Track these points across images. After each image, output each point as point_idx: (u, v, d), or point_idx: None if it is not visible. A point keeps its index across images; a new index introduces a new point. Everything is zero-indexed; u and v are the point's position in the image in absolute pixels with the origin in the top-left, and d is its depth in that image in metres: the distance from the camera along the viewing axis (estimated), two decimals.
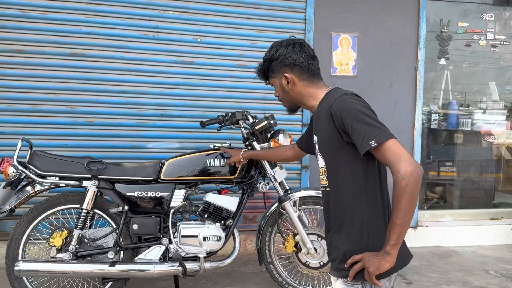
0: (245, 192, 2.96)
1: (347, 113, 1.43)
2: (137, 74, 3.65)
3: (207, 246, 2.78)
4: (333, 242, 1.61)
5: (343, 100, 1.47)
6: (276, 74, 1.70)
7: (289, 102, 1.74)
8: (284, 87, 1.69)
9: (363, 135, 1.39)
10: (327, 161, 1.57)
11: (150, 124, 3.71)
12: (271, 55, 1.69)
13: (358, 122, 1.41)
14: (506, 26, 4.53)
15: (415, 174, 1.32)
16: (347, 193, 1.52)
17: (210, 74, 3.79)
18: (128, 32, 3.61)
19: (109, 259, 2.70)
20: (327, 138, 1.54)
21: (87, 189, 2.76)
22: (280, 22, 3.90)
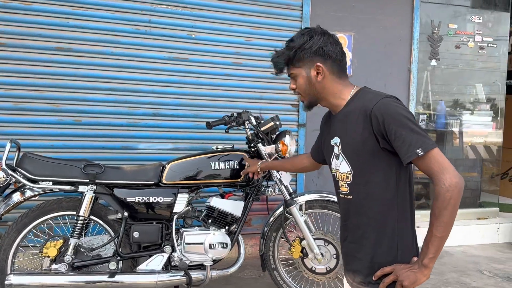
0: (249, 196, 2.84)
1: (391, 118, 1.34)
2: (128, 71, 3.45)
3: (213, 253, 2.64)
4: (353, 253, 1.53)
5: (386, 104, 1.37)
6: (305, 63, 1.52)
7: (311, 96, 1.56)
8: (312, 79, 1.52)
9: (408, 142, 1.32)
10: (355, 166, 1.47)
11: (141, 124, 3.52)
12: (303, 41, 1.51)
13: (403, 128, 1.32)
14: (493, 29, 4.60)
15: (459, 186, 1.29)
16: (377, 201, 1.43)
17: (204, 72, 3.63)
18: (119, 26, 3.40)
19: (109, 270, 2.51)
20: (360, 142, 1.43)
21: (84, 195, 2.56)
22: (276, 20, 3.79)
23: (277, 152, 2.76)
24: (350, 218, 1.53)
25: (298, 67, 1.54)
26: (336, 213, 2.88)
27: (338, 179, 1.56)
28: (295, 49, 1.52)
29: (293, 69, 1.56)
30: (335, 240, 2.87)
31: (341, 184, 1.54)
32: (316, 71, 1.51)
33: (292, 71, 1.57)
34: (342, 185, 1.53)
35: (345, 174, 1.51)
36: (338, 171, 1.55)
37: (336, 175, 1.58)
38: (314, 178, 3.94)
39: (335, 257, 2.86)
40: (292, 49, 1.53)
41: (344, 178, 1.51)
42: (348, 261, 1.58)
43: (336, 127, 1.55)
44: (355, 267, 1.53)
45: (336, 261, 2.86)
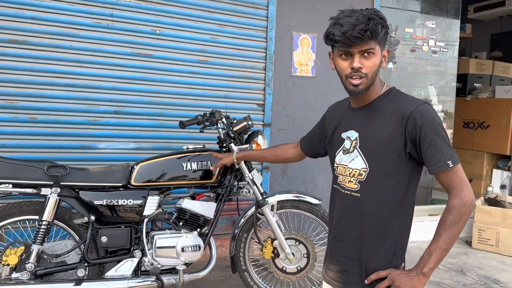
0: (221, 197, 2.79)
1: (430, 125, 1.33)
2: (88, 66, 3.27)
3: (186, 257, 2.58)
4: (341, 252, 1.51)
5: (428, 110, 1.36)
6: (383, 44, 1.41)
7: (373, 79, 1.41)
8: (380, 63, 1.41)
9: (441, 152, 1.33)
10: (373, 164, 1.43)
11: (102, 122, 3.35)
12: (386, 22, 1.39)
13: (439, 138, 1.33)
14: (445, 34, 4.84)
15: (473, 204, 1.33)
16: (385, 204, 1.42)
17: (169, 69, 3.52)
18: (79, 19, 3.21)
19: (76, 277, 2.38)
20: (385, 141, 1.39)
21: (47, 198, 2.41)
22: (242, 18, 3.75)
23: None
24: (349, 216, 1.49)
25: (379, 45, 1.39)
26: (306, 212, 2.91)
27: (346, 175, 1.49)
28: (385, 27, 1.39)
29: (376, 46, 1.37)
30: (306, 240, 2.90)
31: (350, 179, 1.48)
32: (385, 56, 1.44)
33: (375, 47, 1.37)
34: (351, 181, 1.48)
35: (358, 170, 1.45)
36: (343, 166, 1.50)
37: (338, 169, 1.53)
38: (278, 178, 3.96)
39: (305, 256, 2.89)
40: (384, 24, 1.38)
41: (356, 174, 1.46)
42: (335, 260, 1.54)
43: (356, 120, 1.49)
44: (342, 267, 1.51)
45: (306, 260, 2.89)
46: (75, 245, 2.49)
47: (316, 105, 4.09)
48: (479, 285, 3.50)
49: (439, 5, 4.76)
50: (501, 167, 5.62)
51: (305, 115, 4.04)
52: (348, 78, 1.40)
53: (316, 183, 4.15)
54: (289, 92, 3.98)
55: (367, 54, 1.37)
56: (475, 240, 4.48)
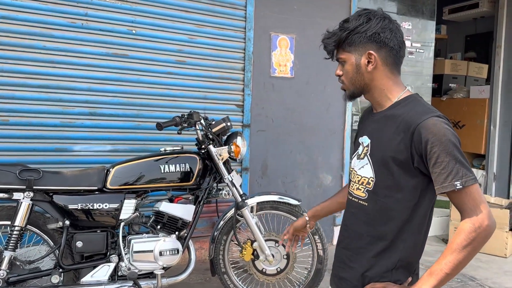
0: (200, 200, 2.76)
1: (437, 141, 1.23)
2: (62, 67, 3.19)
3: (164, 261, 2.53)
4: (345, 260, 1.47)
5: (436, 125, 1.25)
6: (356, 49, 1.35)
7: (356, 86, 1.39)
8: (361, 68, 1.36)
9: (448, 171, 1.22)
10: (379, 175, 1.36)
11: (77, 124, 3.27)
12: (358, 24, 1.34)
13: (447, 155, 1.22)
14: (421, 35, 4.91)
15: (488, 230, 1.21)
16: (393, 218, 1.35)
17: (145, 69, 3.47)
18: (52, 19, 3.13)
19: (50, 284, 2.31)
20: (392, 152, 1.32)
21: (19, 203, 2.33)
22: (220, 18, 3.72)
23: (229, 154, 2.72)
24: (355, 224, 1.44)
25: (348, 52, 1.37)
26: (286, 213, 2.90)
27: (355, 181, 1.45)
28: (348, 31, 1.35)
29: (342, 53, 1.39)
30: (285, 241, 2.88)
31: (358, 187, 1.43)
32: (367, 59, 1.34)
33: (341, 55, 1.39)
34: (359, 188, 1.43)
35: (367, 179, 1.40)
36: (355, 172, 1.45)
37: (352, 175, 1.47)
38: (258, 179, 3.94)
39: (285, 257, 2.88)
40: (345, 31, 1.36)
41: (365, 183, 1.41)
42: (338, 267, 1.51)
43: (371, 127, 1.43)
44: (343, 275, 1.47)
45: (286, 261, 2.88)
46: (49, 251, 2.42)
47: (295, 105, 4.09)
48: (456, 282, 3.56)
49: (415, 7, 4.82)
50: (476, 166, 5.74)
51: (284, 115, 4.04)
52: None
53: (296, 184, 4.15)
54: (268, 93, 3.97)
55: (341, 62, 1.41)
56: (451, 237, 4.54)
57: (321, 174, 4.26)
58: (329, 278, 1.61)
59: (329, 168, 4.30)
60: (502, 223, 4.18)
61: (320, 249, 2.91)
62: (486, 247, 4.23)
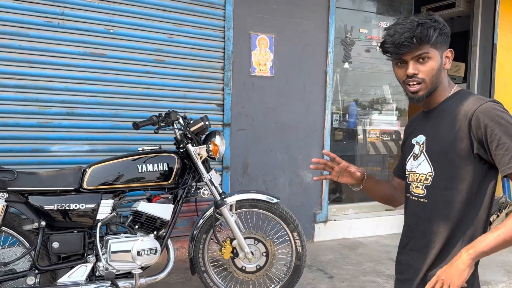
0: (179, 199, 2.76)
1: (496, 123, 1.26)
2: (39, 67, 3.16)
3: (142, 260, 2.53)
4: (410, 261, 1.45)
5: (493, 108, 1.28)
6: (441, 46, 1.36)
7: (434, 84, 1.38)
8: (441, 66, 1.37)
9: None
10: (439, 168, 1.37)
11: (54, 124, 3.24)
12: (443, 24, 1.36)
13: (509, 137, 1.24)
14: None
15: None
16: (455, 210, 1.34)
17: (124, 68, 3.45)
18: (28, 18, 3.10)
19: (26, 285, 2.29)
20: (450, 143, 1.33)
21: None
22: (199, 18, 3.72)
23: (208, 152, 2.72)
24: (418, 223, 1.43)
25: (435, 48, 1.35)
26: (265, 211, 2.92)
27: (412, 181, 1.46)
28: (440, 28, 1.35)
29: (430, 50, 1.34)
30: (265, 238, 2.91)
31: (416, 185, 1.43)
32: (448, 58, 1.39)
33: (429, 51, 1.34)
34: (418, 186, 1.43)
35: (424, 175, 1.41)
36: (413, 173, 1.45)
37: (409, 177, 1.47)
38: (239, 178, 3.95)
39: (264, 255, 2.90)
40: (438, 27, 1.34)
41: (422, 179, 1.41)
42: (402, 270, 1.48)
43: (425, 125, 1.45)
44: (407, 276, 1.45)
45: (265, 258, 2.90)
46: (24, 252, 2.40)
47: (275, 104, 4.12)
48: None
49: (392, 6, 4.90)
50: None
51: (264, 114, 4.06)
52: (406, 85, 1.40)
53: (277, 182, 4.18)
54: (248, 92, 3.98)
55: (422, 59, 1.35)
56: None
57: (301, 172, 4.29)
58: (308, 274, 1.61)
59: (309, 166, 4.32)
60: None
61: (298, 245, 2.93)
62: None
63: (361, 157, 5.20)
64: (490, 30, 5.38)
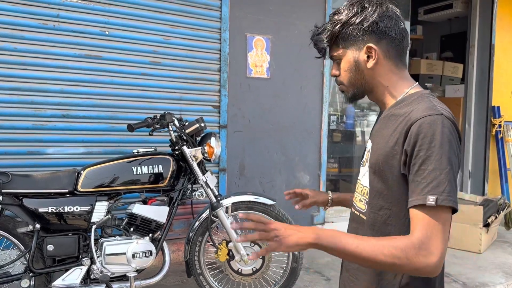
0: (174, 201, 2.75)
1: (428, 143, 1.02)
2: (34, 69, 3.15)
3: (137, 263, 2.52)
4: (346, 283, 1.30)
5: (434, 123, 1.03)
6: (352, 43, 1.17)
7: (357, 86, 1.21)
8: (360, 64, 1.17)
9: (428, 181, 1.00)
10: (372, 183, 1.17)
11: (49, 127, 3.23)
12: (352, 14, 1.16)
13: (436, 162, 1.01)
14: None
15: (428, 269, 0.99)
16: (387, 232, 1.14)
17: (119, 70, 3.44)
18: (23, 20, 3.09)
19: None
20: (386, 156, 1.12)
21: None
22: (195, 19, 3.71)
23: (203, 154, 2.72)
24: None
25: (344, 48, 1.18)
26: (261, 213, 2.90)
27: (357, 191, 1.28)
28: (341, 24, 1.16)
29: (336, 50, 1.20)
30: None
31: (359, 198, 1.25)
32: (367, 53, 1.16)
33: (335, 52, 1.21)
34: (361, 200, 1.24)
35: (365, 188, 1.21)
36: (359, 182, 1.27)
37: (356, 185, 1.29)
38: (235, 179, 3.94)
39: (261, 257, 2.89)
40: (336, 24, 1.17)
41: (365, 193, 1.22)
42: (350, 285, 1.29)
43: (374, 129, 1.25)
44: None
45: (262, 261, 2.90)
46: (19, 255, 2.39)
47: (271, 106, 4.11)
48: None
49: None
50: None
51: (261, 116, 4.06)
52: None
53: (274, 184, 4.16)
54: (245, 94, 3.98)
55: (337, 61, 1.23)
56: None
57: (298, 174, 4.28)
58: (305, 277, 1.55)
59: (306, 168, 4.32)
60: (476, 219, 4.25)
61: None
62: (460, 244, 4.32)
63: (358, 159, 5.20)
64: (488, 31, 5.38)
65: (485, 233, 4.29)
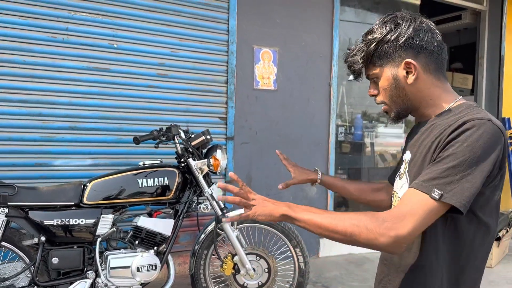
0: (179, 214, 2.74)
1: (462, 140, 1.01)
2: (42, 81, 3.18)
3: (141, 277, 2.51)
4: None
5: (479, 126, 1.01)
6: (389, 60, 1.15)
7: (401, 104, 1.18)
8: (400, 81, 1.15)
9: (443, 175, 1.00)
10: None
11: (57, 139, 3.25)
12: (386, 32, 1.14)
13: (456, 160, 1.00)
14: None
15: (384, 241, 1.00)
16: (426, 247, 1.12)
17: (127, 83, 3.46)
18: (32, 34, 3.13)
19: None
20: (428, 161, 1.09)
21: None
22: (203, 32, 3.74)
23: (208, 167, 2.71)
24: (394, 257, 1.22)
25: (380, 66, 1.16)
26: (267, 226, 2.89)
27: (394, 204, 1.24)
28: (375, 43, 1.15)
29: (373, 69, 1.18)
30: (267, 254, 2.87)
31: None
32: (406, 69, 1.14)
33: (372, 71, 1.18)
34: None
35: None
36: (396, 194, 1.24)
37: (393, 198, 1.26)
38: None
39: (266, 271, 2.86)
40: (371, 43, 1.15)
41: None
42: None
43: (414, 139, 1.21)
44: None
45: (267, 275, 2.86)
46: (24, 268, 2.39)
47: (278, 117, 4.10)
48: None
49: None
50: None
51: (268, 127, 4.05)
52: None
53: (281, 196, 4.13)
54: (252, 105, 3.97)
55: (374, 80, 1.21)
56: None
57: (305, 186, 4.25)
58: None
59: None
60: None
61: (301, 262, 2.89)
62: None
63: (367, 170, 5.16)
64: (497, 42, 5.34)
65: (496, 247, 4.21)
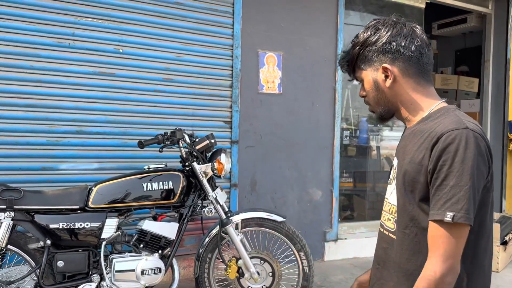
0: (184, 217, 2.75)
1: (451, 158, 1.04)
2: (49, 86, 3.22)
3: (146, 280, 2.52)
4: None
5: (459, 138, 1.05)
6: (370, 64, 1.21)
7: (383, 106, 1.24)
8: (379, 85, 1.21)
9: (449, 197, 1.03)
10: (400, 201, 1.17)
11: (63, 143, 3.28)
12: (366, 36, 1.20)
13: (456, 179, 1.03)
14: None
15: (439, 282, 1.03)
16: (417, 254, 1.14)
17: (133, 87, 3.49)
18: (39, 39, 3.17)
19: None
20: (413, 173, 1.12)
21: (0, 223, 2.32)
22: (208, 37, 3.76)
23: (212, 171, 2.73)
24: (387, 263, 1.23)
25: (363, 69, 1.23)
26: (271, 230, 2.89)
27: (385, 210, 1.27)
28: (357, 47, 1.22)
29: (358, 72, 1.25)
30: (271, 258, 2.87)
31: (388, 217, 1.24)
32: (384, 74, 1.19)
33: (357, 74, 1.26)
34: (389, 219, 1.23)
35: (393, 207, 1.21)
36: (386, 201, 1.27)
37: (384, 204, 1.29)
38: (247, 195, 3.93)
39: (271, 275, 2.87)
40: (355, 47, 1.23)
41: (393, 211, 1.21)
42: None
43: (400, 146, 1.26)
44: None
45: (272, 279, 2.86)
46: (30, 271, 2.41)
47: (283, 121, 4.11)
48: None
49: None
50: None
51: (272, 131, 4.06)
52: None
53: (285, 199, 4.14)
54: (256, 109, 3.99)
55: (360, 82, 1.27)
56: None
57: (310, 190, 4.25)
58: None
59: (319, 184, 4.29)
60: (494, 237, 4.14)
61: (305, 266, 2.89)
62: None
63: (373, 174, 5.15)
64: (503, 45, 5.31)
65: (502, 251, 4.18)
